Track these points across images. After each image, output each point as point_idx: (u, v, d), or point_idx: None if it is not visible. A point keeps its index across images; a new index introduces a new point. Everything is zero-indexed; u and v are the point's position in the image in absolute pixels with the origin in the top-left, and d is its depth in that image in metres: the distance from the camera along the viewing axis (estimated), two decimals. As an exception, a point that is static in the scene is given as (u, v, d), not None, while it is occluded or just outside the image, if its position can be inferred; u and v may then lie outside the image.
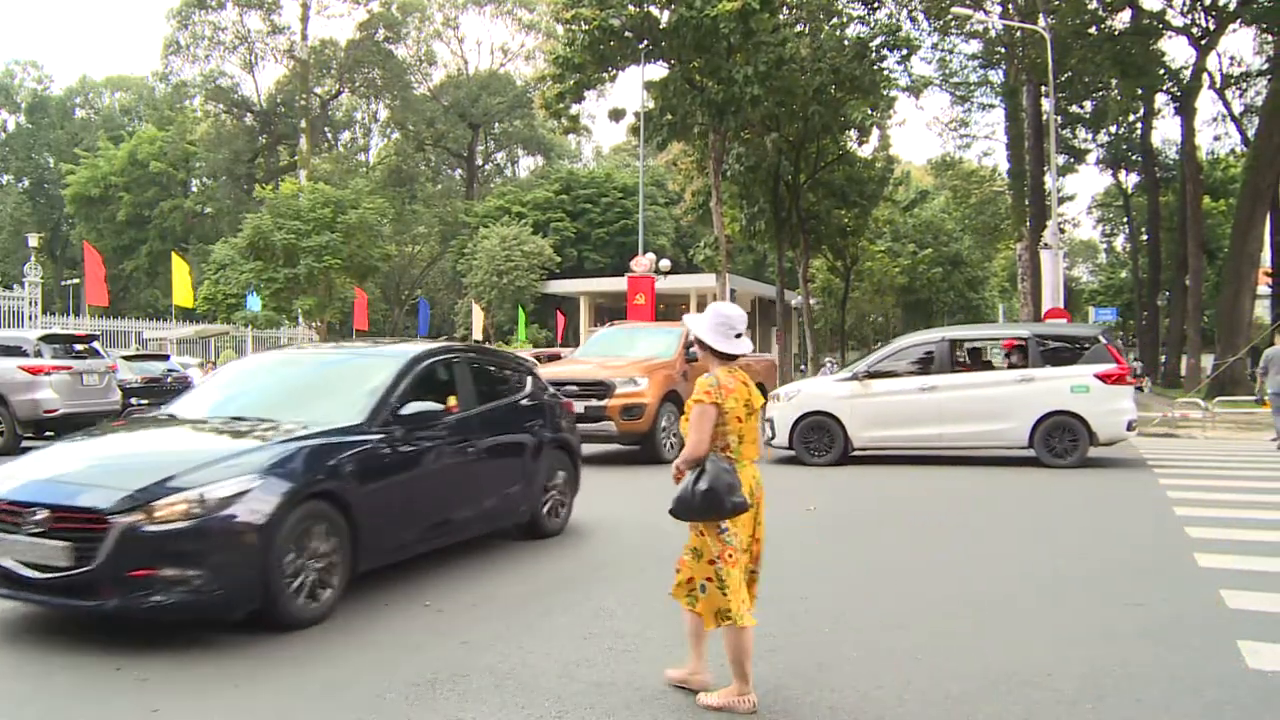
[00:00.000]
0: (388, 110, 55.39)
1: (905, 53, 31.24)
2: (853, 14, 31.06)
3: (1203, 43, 30.03)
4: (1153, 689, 3.98)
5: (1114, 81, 31.80)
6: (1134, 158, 42.75)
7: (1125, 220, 51.66)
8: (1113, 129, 41.69)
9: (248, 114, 53.11)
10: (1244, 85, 35.94)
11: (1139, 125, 39.57)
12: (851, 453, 12.10)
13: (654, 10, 26.16)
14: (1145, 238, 42.87)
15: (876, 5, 31.08)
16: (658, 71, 28.01)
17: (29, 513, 4.50)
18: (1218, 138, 47.68)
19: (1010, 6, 31.33)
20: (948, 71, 37.39)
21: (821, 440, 12.04)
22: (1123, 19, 30.38)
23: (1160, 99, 35.88)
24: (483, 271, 39.03)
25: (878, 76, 29.91)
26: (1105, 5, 29.38)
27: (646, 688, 3.98)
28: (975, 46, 35.59)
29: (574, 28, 25.82)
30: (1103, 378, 11.37)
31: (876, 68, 29.78)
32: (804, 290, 35.04)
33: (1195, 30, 29.91)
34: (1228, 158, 44.80)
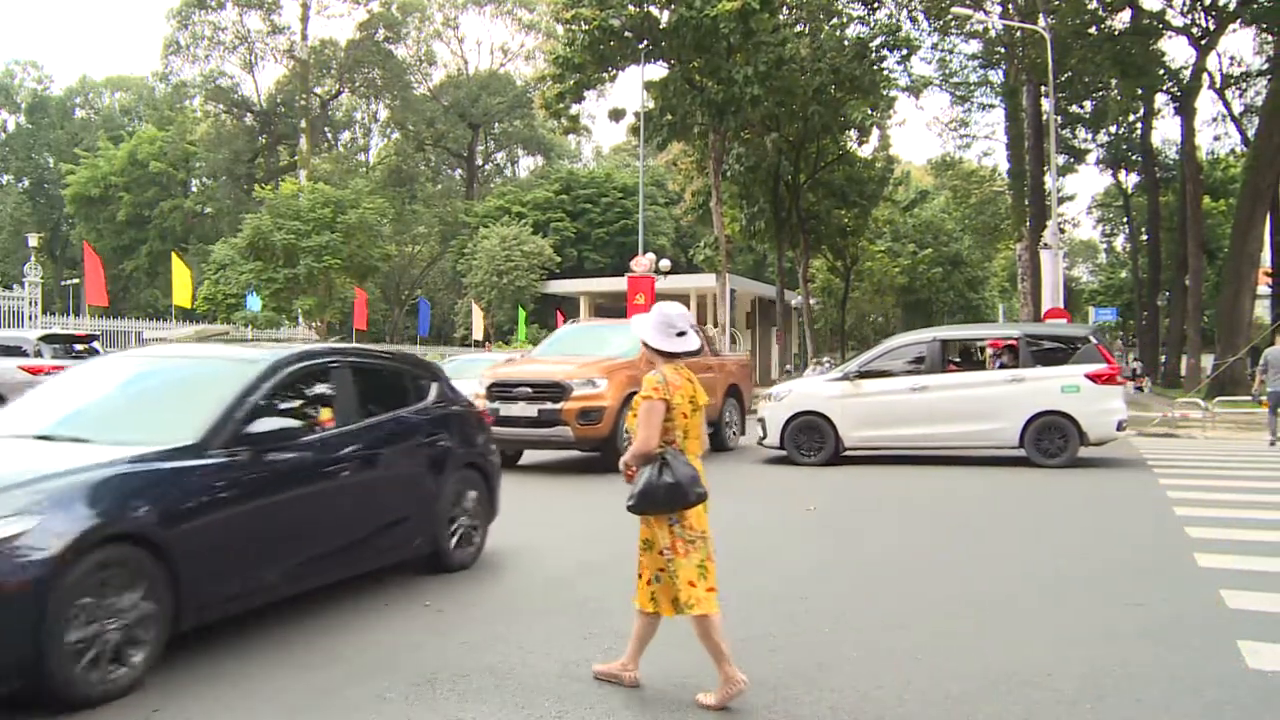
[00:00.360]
0: (388, 110, 55.40)
1: (905, 53, 31.31)
2: (853, 14, 31.11)
3: (1203, 43, 30.04)
4: (1153, 689, 3.98)
5: (1114, 81, 31.83)
6: (1134, 158, 42.77)
7: (1125, 220, 51.68)
8: (1113, 129, 41.72)
9: (248, 114, 53.11)
10: (1244, 85, 35.99)
11: (1139, 125, 39.60)
12: (843, 452, 12.15)
13: (654, 10, 26.18)
14: (1145, 238, 42.89)
15: (876, 5, 31.10)
16: (658, 71, 28.05)
17: None
18: (1218, 138, 47.76)
19: (1010, 6, 31.34)
20: (948, 71, 37.45)
21: (813, 440, 12.08)
22: (1123, 19, 30.42)
23: (1160, 99, 35.91)
24: (483, 271, 39.02)
25: (878, 76, 29.93)
26: (1105, 5, 29.39)
27: (647, 688, 3.98)
28: (975, 46, 35.66)
29: (574, 28, 25.84)
30: (1093, 378, 11.40)
31: (876, 68, 29.81)
32: (804, 290, 35.04)
33: (1195, 30, 29.93)
34: (1228, 158, 44.83)
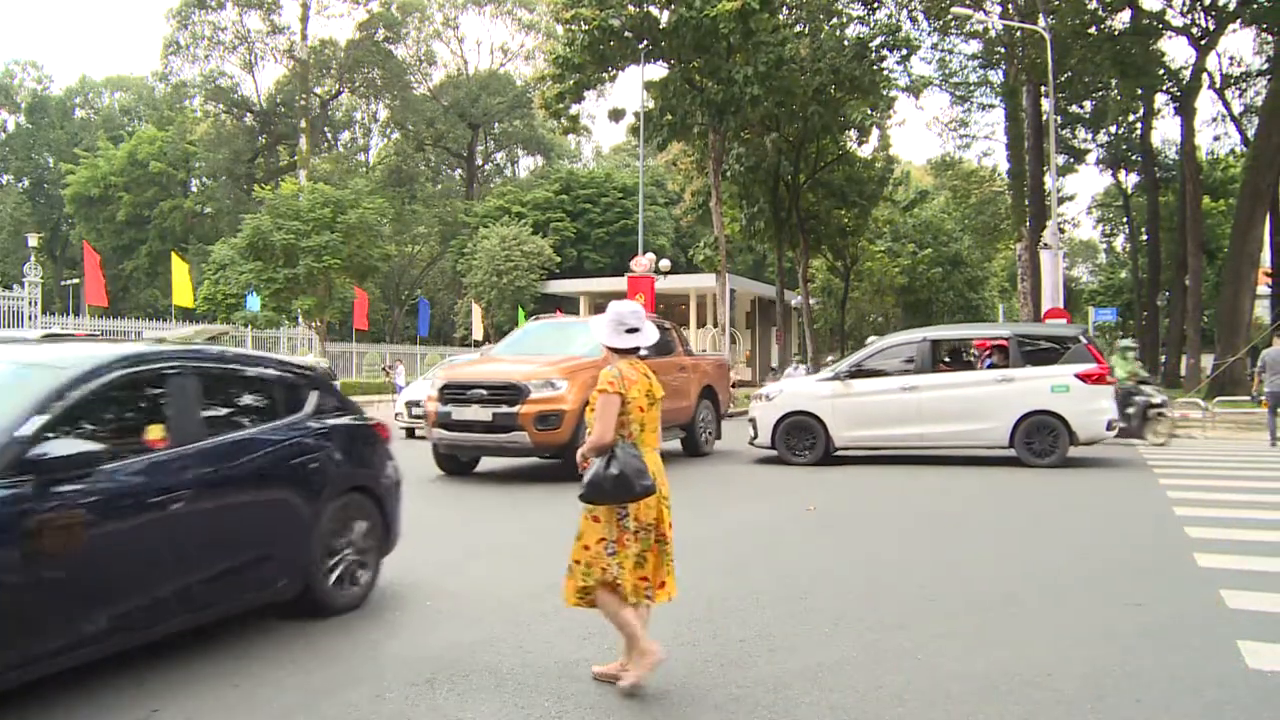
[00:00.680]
0: (387, 110, 55.40)
1: (905, 53, 31.28)
2: (852, 14, 31.09)
3: (1202, 43, 30.04)
4: (1153, 689, 3.98)
5: (1114, 81, 31.83)
6: (1134, 158, 42.74)
7: (1125, 220, 51.66)
8: (1113, 129, 41.70)
9: (248, 114, 53.10)
10: (1244, 85, 35.98)
11: (1139, 125, 39.57)
12: (834, 452, 12.20)
13: (654, 10, 26.17)
14: (1145, 238, 42.86)
15: (876, 5, 31.09)
16: (657, 71, 28.04)
17: None
18: (1218, 138, 47.79)
19: (1010, 6, 31.33)
20: (947, 71, 37.43)
21: (804, 440, 12.13)
22: (1122, 19, 30.41)
23: (1160, 99, 35.89)
24: (482, 271, 39.01)
25: (877, 76, 29.91)
26: (1105, 5, 29.39)
27: (647, 687, 3.98)
28: (975, 46, 35.63)
29: (574, 28, 25.83)
30: (1083, 377, 11.44)
31: (876, 68, 29.78)
32: (804, 290, 35.03)
33: (1195, 30, 29.93)
34: (1228, 158, 44.81)
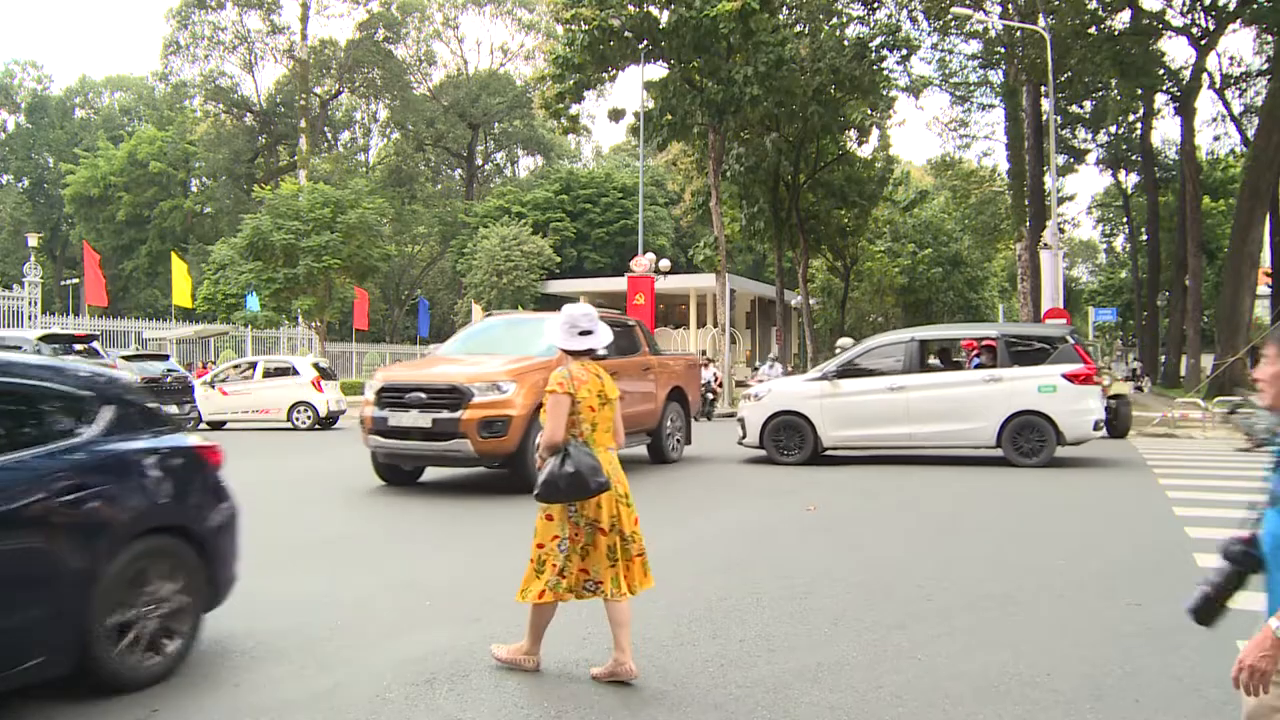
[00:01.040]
0: (387, 110, 55.36)
1: (905, 53, 31.27)
2: (852, 14, 31.08)
3: (1202, 43, 30.04)
4: (1152, 689, 3.99)
5: (1114, 81, 31.82)
6: (1134, 158, 42.78)
7: (1125, 220, 51.69)
8: (1112, 129, 41.73)
9: (247, 114, 53.07)
10: (1244, 85, 35.99)
11: (1139, 125, 39.60)
12: (822, 452, 12.26)
13: (654, 10, 26.16)
14: (1145, 238, 42.90)
15: (876, 5, 31.09)
16: (657, 71, 28.02)
17: None
18: (1217, 138, 47.81)
19: (1010, 6, 31.33)
20: (947, 71, 37.42)
21: (792, 439, 12.18)
22: (1122, 19, 30.41)
23: (1160, 99, 35.91)
24: (482, 271, 38.98)
25: (877, 76, 29.91)
26: (1105, 5, 29.39)
27: (647, 687, 3.98)
28: (975, 46, 35.61)
29: (574, 28, 25.82)
30: (1070, 378, 11.47)
31: (876, 68, 29.78)
32: (803, 290, 35.03)
33: (1195, 30, 29.93)
34: (1227, 158, 44.83)
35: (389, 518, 8.72)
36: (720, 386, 24.29)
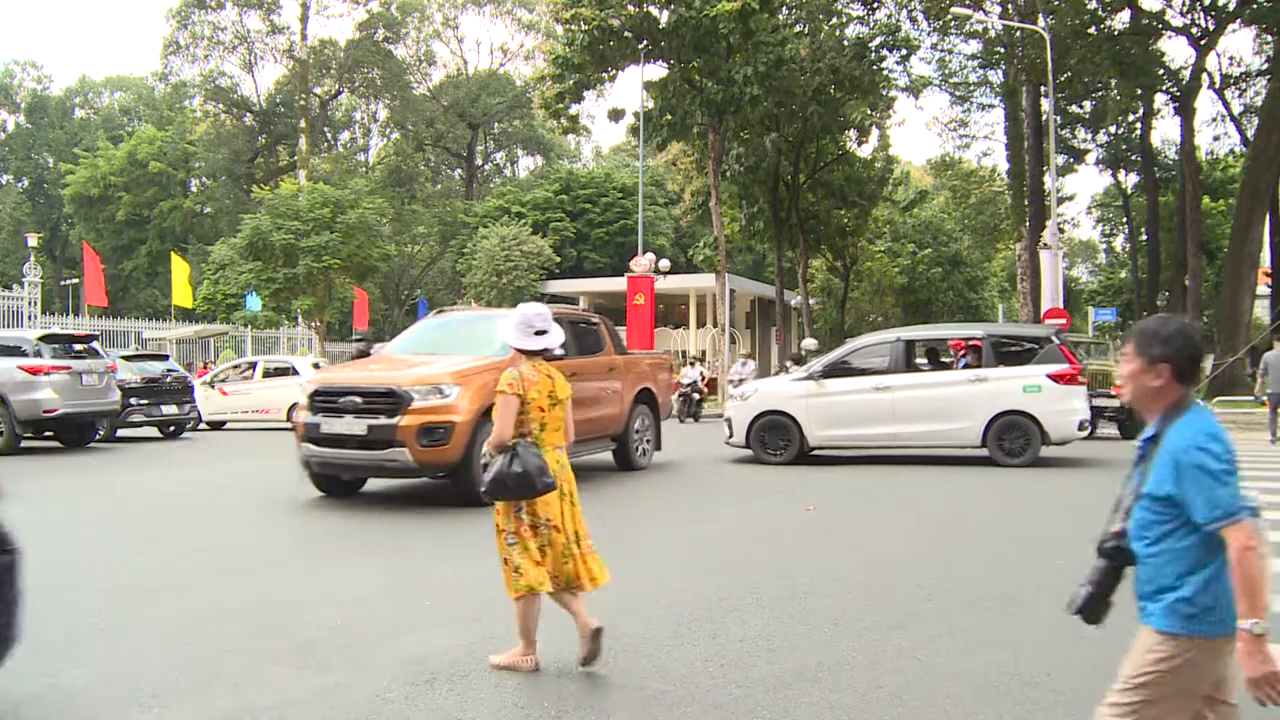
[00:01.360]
0: (387, 110, 55.35)
1: (905, 53, 31.26)
2: (852, 14, 31.07)
3: (1202, 43, 30.05)
4: (1152, 689, 3.98)
5: (1114, 81, 31.82)
6: (1133, 158, 42.75)
7: (1125, 220, 51.67)
8: (1112, 129, 41.70)
9: (247, 114, 53.06)
10: (1244, 85, 35.98)
11: (1138, 125, 39.57)
12: (809, 451, 12.31)
13: (653, 10, 26.17)
14: (1145, 238, 42.88)
15: (876, 5, 31.08)
16: (657, 71, 28.03)
17: None
18: (1217, 138, 47.73)
19: (1010, 6, 31.33)
20: (947, 71, 37.41)
21: (778, 439, 12.23)
22: (1122, 19, 30.42)
23: (1160, 99, 35.88)
24: (482, 271, 38.99)
25: (877, 76, 29.90)
26: (1105, 5, 29.40)
27: (647, 687, 3.98)
28: (975, 46, 35.60)
29: (573, 28, 25.83)
30: (1055, 378, 11.51)
31: (876, 68, 29.78)
32: (803, 290, 35.03)
33: (1195, 30, 29.94)
34: (1227, 158, 44.81)
35: (389, 517, 8.72)
36: (708, 386, 24.30)
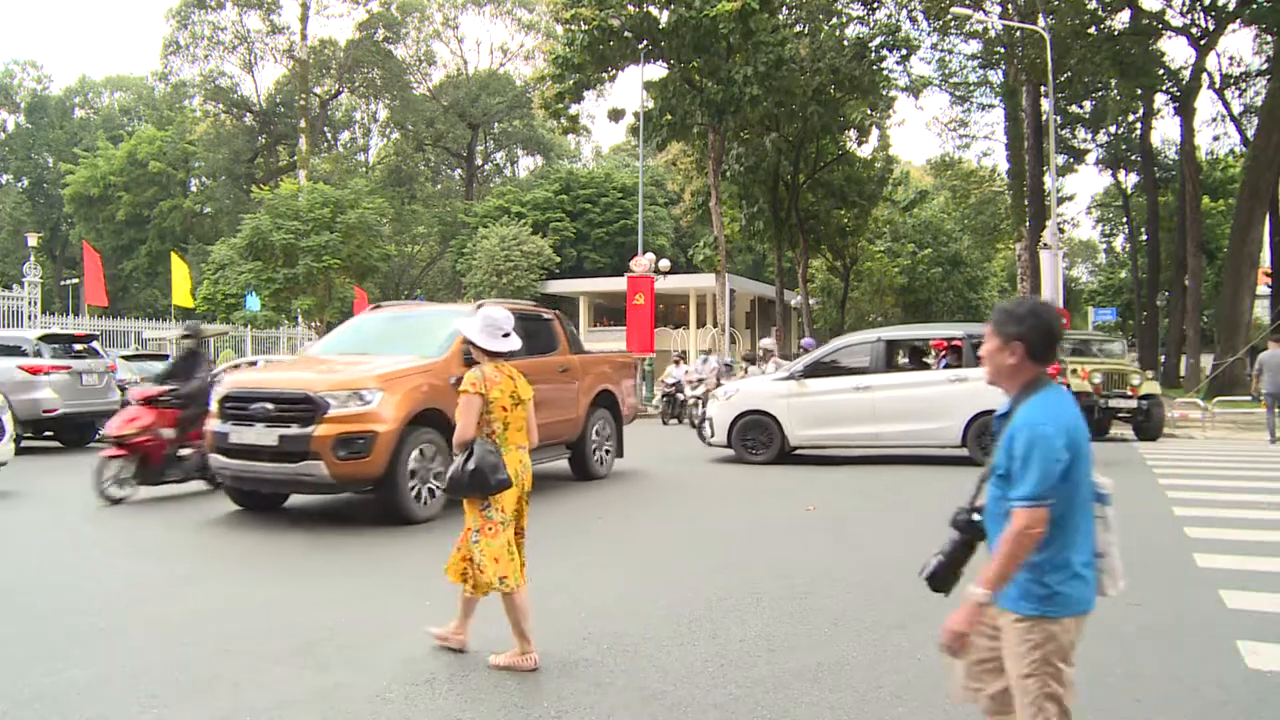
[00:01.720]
0: (387, 110, 55.36)
1: (905, 53, 31.30)
2: (852, 14, 31.10)
3: (1202, 43, 30.06)
4: (1153, 689, 3.99)
5: (1114, 81, 31.83)
6: (1133, 158, 42.76)
7: (1125, 220, 51.68)
8: (1112, 129, 41.72)
9: (247, 114, 53.07)
10: (1243, 85, 35.99)
11: (1138, 125, 39.59)
12: (790, 451, 12.35)
13: (653, 10, 26.19)
14: (1145, 238, 42.87)
15: (876, 5, 31.10)
16: (657, 71, 28.04)
17: None
18: (1217, 138, 47.84)
19: (1010, 6, 31.34)
20: (947, 71, 37.43)
21: (759, 438, 12.25)
22: (1122, 19, 30.43)
23: (1160, 99, 35.91)
24: (482, 271, 39.00)
25: (877, 76, 29.93)
26: (1105, 5, 29.41)
27: (647, 687, 3.98)
28: (975, 46, 35.63)
29: (573, 28, 25.85)
30: None
31: (876, 68, 29.80)
32: (803, 290, 35.04)
33: (1195, 30, 29.95)
34: (1227, 158, 44.83)
35: (388, 516, 8.71)
36: (692, 386, 24.12)
